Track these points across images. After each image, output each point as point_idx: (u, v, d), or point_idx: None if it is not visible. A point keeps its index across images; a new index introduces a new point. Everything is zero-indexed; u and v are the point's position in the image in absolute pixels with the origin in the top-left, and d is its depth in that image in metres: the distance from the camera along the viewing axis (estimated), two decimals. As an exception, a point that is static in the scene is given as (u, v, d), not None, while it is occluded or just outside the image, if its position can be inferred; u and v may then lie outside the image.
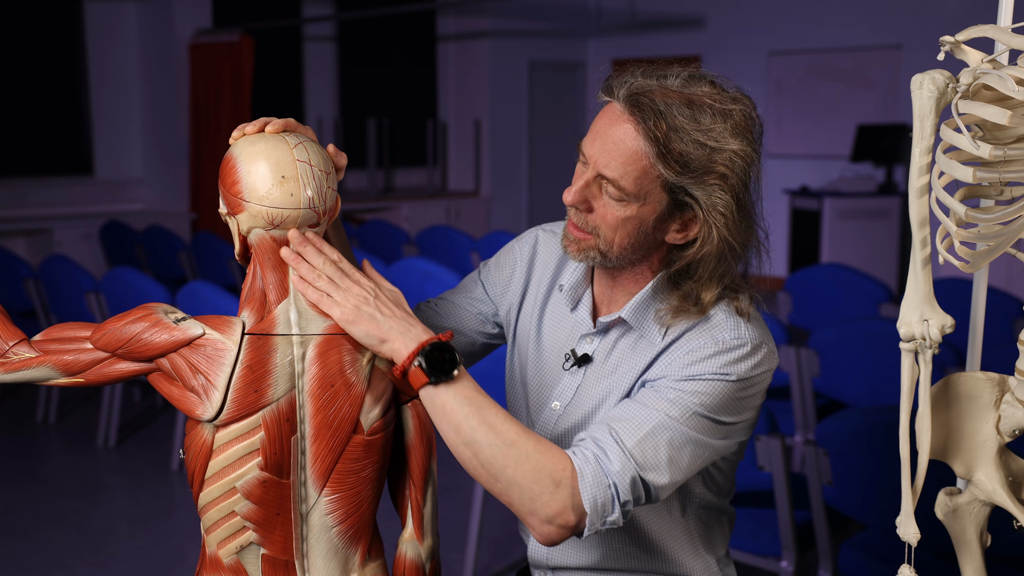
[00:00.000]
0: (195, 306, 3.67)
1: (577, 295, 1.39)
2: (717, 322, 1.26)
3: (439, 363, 1.14)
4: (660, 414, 1.19)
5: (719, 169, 1.19)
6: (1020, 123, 1.04)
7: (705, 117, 1.18)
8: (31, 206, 7.01)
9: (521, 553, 3.28)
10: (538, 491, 1.13)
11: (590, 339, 1.36)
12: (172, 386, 1.14)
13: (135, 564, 3.23)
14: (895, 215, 7.41)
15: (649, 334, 1.30)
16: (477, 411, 1.14)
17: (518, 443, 1.14)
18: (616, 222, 1.24)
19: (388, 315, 1.16)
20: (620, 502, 1.16)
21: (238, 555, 1.16)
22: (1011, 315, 3.35)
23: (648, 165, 1.19)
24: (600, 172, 1.22)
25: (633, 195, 1.21)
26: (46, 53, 7.12)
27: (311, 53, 8.40)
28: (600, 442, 1.18)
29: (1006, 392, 1.16)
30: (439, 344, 1.14)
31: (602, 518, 1.15)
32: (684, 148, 1.18)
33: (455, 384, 1.15)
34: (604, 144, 1.22)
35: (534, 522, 1.15)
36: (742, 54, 8.34)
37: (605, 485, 1.15)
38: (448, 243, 5.75)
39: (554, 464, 1.14)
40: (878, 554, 2.17)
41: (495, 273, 1.49)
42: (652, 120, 1.18)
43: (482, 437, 1.13)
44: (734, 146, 1.19)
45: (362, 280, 1.18)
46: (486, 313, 1.48)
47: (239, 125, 1.18)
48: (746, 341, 1.24)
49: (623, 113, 1.21)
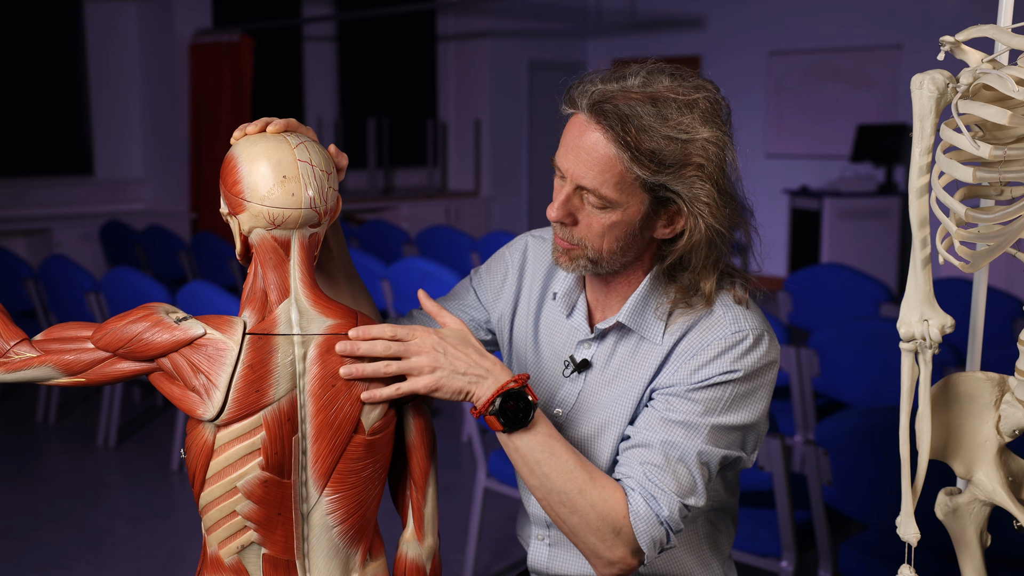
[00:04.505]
0: (195, 306, 3.67)
1: (571, 301, 1.39)
2: (717, 318, 1.27)
3: (513, 413, 1.18)
4: (682, 439, 1.24)
5: (695, 160, 1.19)
6: (1020, 123, 1.04)
7: (671, 111, 1.18)
8: (31, 206, 7.01)
9: (521, 553, 3.28)
10: (600, 538, 1.20)
11: (588, 344, 1.36)
12: (173, 386, 1.14)
13: (135, 564, 3.23)
14: (895, 215, 7.41)
15: (650, 334, 1.30)
16: (550, 456, 1.19)
17: (586, 491, 1.20)
18: (602, 230, 1.24)
19: (463, 364, 1.18)
20: (676, 530, 1.23)
21: (239, 555, 1.16)
22: (1011, 315, 3.35)
23: (624, 170, 1.19)
24: (578, 184, 1.22)
25: (615, 201, 1.21)
26: (46, 53, 7.11)
27: (311, 53, 8.40)
28: (643, 484, 1.23)
29: (1006, 392, 1.17)
30: (513, 392, 1.17)
31: (660, 547, 1.23)
32: (656, 146, 1.18)
33: (530, 431, 1.19)
34: (577, 156, 1.22)
35: (596, 564, 1.23)
36: (742, 54, 8.34)
37: (657, 523, 1.21)
38: (448, 243, 5.75)
39: (615, 513, 1.20)
40: (878, 554, 2.17)
41: (487, 280, 1.49)
42: (619, 125, 1.18)
43: (553, 484, 1.20)
44: (705, 134, 1.19)
45: (421, 335, 1.18)
46: (478, 320, 1.48)
47: (240, 125, 1.18)
48: (747, 333, 1.25)
49: (589, 122, 1.21)
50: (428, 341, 1.17)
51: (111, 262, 6.41)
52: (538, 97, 9.10)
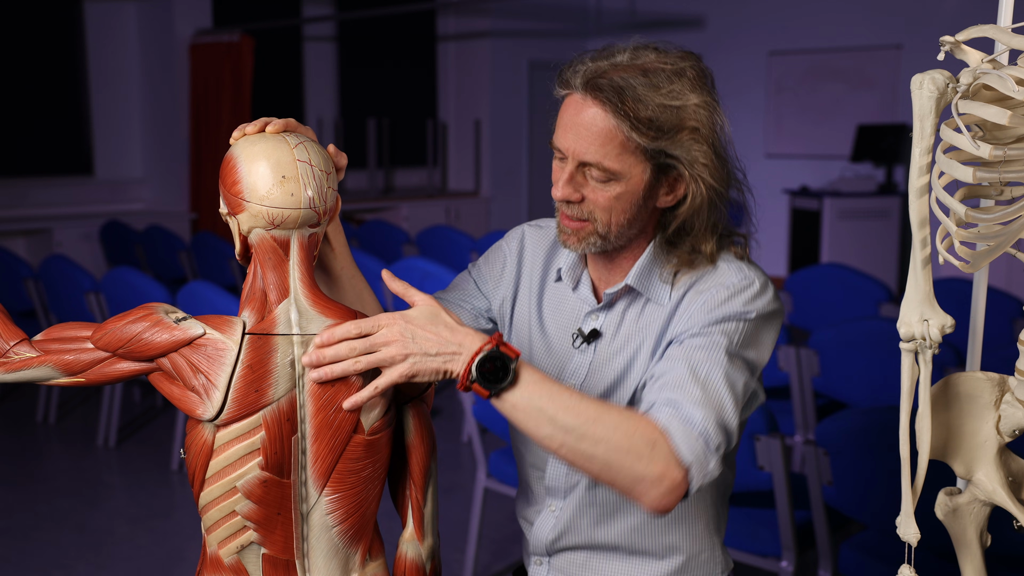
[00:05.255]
0: (195, 306, 3.67)
1: (576, 275, 1.41)
2: (722, 270, 1.30)
3: (492, 374, 1.12)
4: (705, 361, 1.21)
5: (689, 124, 1.24)
6: (1020, 123, 1.04)
7: (662, 80, 1.24)
8: (31, 206, 7.01)
9: (521, 553, 3.28)
10: (636, 456, 1.11)
11: (595, 315, 1.38)
12: (173, 386, 1.14)
13: (135, 564, 3.23)
14: (895, 215, 7.41)
15: (656, 296, 1.33)
16: (550, 399, 1.13)
17: (601, 417, 1.13)
18: (609, 203, 1.27)
19: (434, 345, 1.13)
20: (714, 446, 1.15)
21: (239, 555, 1.16)
22: (1011, 315, 3.35)
23: (624, 139, 1.23)
24: (581, 160, 1.26)
25: (618, 172, 1.25)
26: (46, 53, 7.11)
27: (311, 53, 8.40)
28: (670, 401, 1.18)
29: (1006, 392, 1.17)
30: (487, 356, 1.12)
31: (704, 468, 1.14)
32: (652, 114, 1.22)
33: (518, 385, 1.13)
34: (577, 133, 1.25)
35: (643, 489, 1.13)
36: (742, 54, 8.34)
37: (695, 435, 1.15)
38: (448, 243, 5.75)
39: (643, 427, 1.13)
40: (878, 554, 2.17)
41: (485, 270, 1.50)
42: (616, 97, 1.22)
43: (563, 423, 1.12)
44: (695, 100, 1.24)
45: (387, 323, 1.13)
46: (479, 308, 1.50)
47: (239, 125, 1.18)
48: (753, 280, 1.28)
49: (586, 99, 1.25)
50: (395, 329, 1.13)
51: (111, 262, 6.41)
52: (538, 97, 9.09)
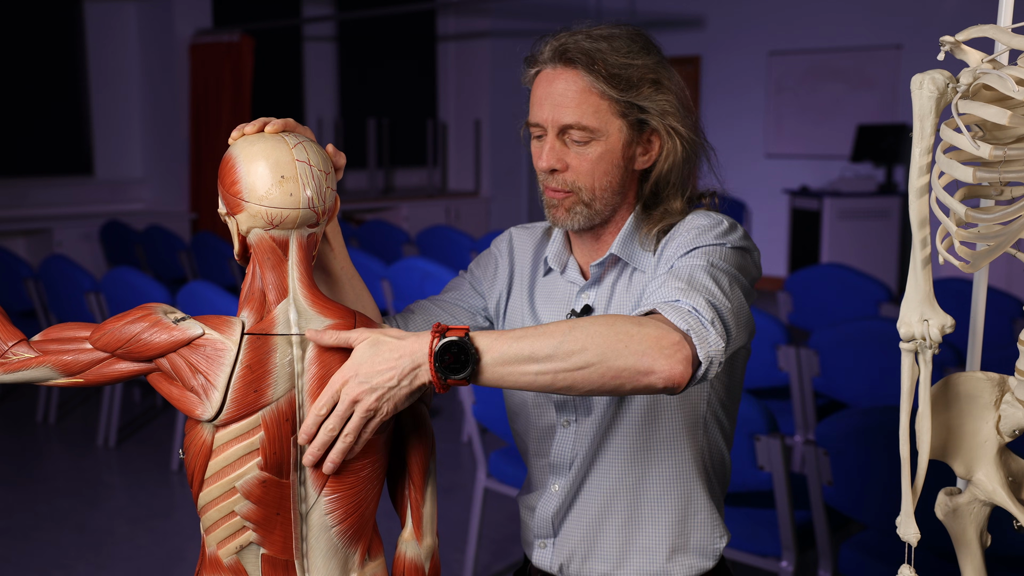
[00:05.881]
0: (195, 306, 3.67)
1: (563, 260, 1.45)
2: (689, 218, 1.35)
3: (456, 362, 1.06)
4: (682, 268, 1.22)
5: (650, 77, 1.33)
6: (1020, 123, 1.04)
7: (621, 44, 1.33)
8: (31, 206, 7.01)
9: (521, 553, 3.28)
10: (627, 338, 1.06)
11: (586, 293, 1.41)
12: (172, 386, 1.14)
13: (135, 564, 3.23)
14: (895, 215, 7.40)
15: (641, 263, 1.37)
16: (519, 342, 1.07)
17: (574, 328, 1.07)
18: (591, 166, 1.32)
19: (388, 372, 1.07)
20: (708, 320, 1.12)
21: (238, 555, 1.16)
22: (1011, 315, 3.35)
23: (598, 95, 1.30)
24: (560, 124, 1.31)
25: (596, 130, 1.30)
26: (46, 53, 7.11)
27: (311, 53, 8.40)
28: (652, 294, 1.18)
29: (1006, 392, 1.16)
30: (441, 349, 1.07)
31: (704, 338, 1.10)
32: (617, 71, 1.31)
33: (489, 353, 1.07)
34: (553, 101, 1.31)
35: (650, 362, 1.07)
36: (742, 54, 8.34)
37: (684, 311, 1.12)
38: (448, 243, 5.75)
39: (623, 319, 1.09)
40: (878, 554, 2.17)
41: (478, 272, 1.53)
42: (585, 57, 1.31)
43: (544, 353, 1.06)
44: (652, 59, 1.34)
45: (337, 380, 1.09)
46: (476, 306, 1.51)
47: (238, 125, 1.18)
48: (722, 220, 1.33)
49: (556, 68, 1.33)
50: (352, 384, 1.07)
51: (111, 262, 6.41)
52: (538, 97, 9.09)
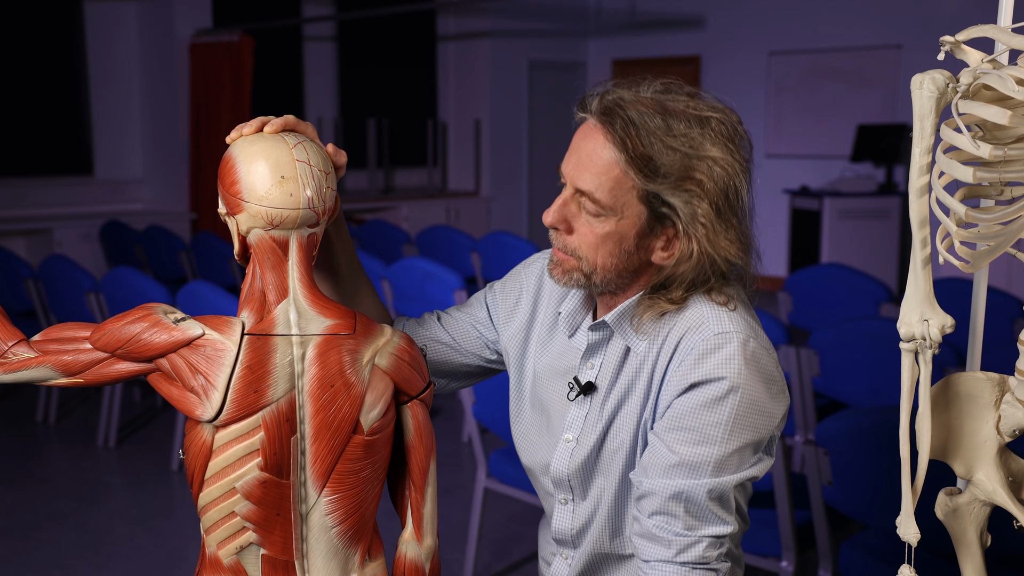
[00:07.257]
0: (195, 306, 3.67)
1: (575, 323, 1.36)
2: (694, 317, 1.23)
3: None
4: (686, 481, 1.20)
5: (696, 176, 1.16)
6: (1020, 123, 1.04)
7: (679, 124, 1.17)
8: (31, 206, 7.01)
9: (521, 554, 3.28)
10: None
11: (590, 363, 1.33)
12: (172, 386, 1.13)
13: (135, 564, 3.23)
14: (895, 215, 7.40)
15: (632, 342, 1.29)
16: None
17: None
18: (596, 240, 1.22)
19: None
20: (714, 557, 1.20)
21: (238, 555, 1.16)
22: (1011, 315, 3.35)
23: (620, 174, 1.18)
24: (576, 187, 1.21)
25: (609, 208, 1.19)
26: (46, 53, 7.11)
27: (311, 53, 8.39)
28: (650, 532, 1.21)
29: (1006, 392, 1.16)
30: None
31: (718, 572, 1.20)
32: (655, 153, 1.16)
33: None
34: (578, 159, 1.21)
35: None
36: (742, 54, 8.34)
37: (669, 563, 1.20)
38: (448, 243, 5.75)
39: None
40: (878, 554, 2.17)
41: (500, 299, 1.46)
42: (621, 127, 1.16)
43: None
44: (713, 153, 1.17)
45: None
46: (487, 338, 1.46)
47: (237, 125, 1.17)
48: (732, 335, 1.20)
49: (596, 126, 1.20)
50: None
51: (111, 262, 6.40)
52: (538, 97, 9.09)
